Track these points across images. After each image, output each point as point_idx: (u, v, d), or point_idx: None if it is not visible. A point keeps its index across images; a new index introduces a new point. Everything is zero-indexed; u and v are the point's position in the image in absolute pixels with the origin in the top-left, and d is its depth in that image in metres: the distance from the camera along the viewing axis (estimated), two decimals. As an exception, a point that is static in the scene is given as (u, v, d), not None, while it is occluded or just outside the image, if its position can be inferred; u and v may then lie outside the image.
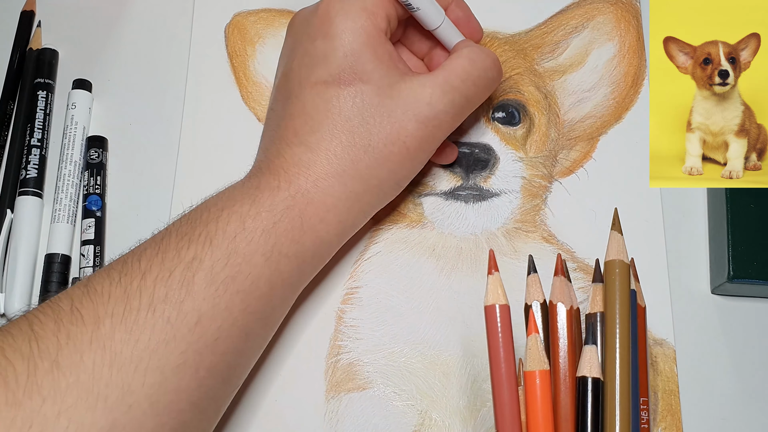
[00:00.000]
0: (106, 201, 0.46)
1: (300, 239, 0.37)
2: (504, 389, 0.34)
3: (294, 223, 0.37)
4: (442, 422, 0.41)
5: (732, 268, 0.42)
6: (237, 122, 0.48)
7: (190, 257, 0.34)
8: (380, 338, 0.43)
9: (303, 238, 0.37)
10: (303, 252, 0.38)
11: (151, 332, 0.32)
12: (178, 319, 0.33)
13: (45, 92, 0.48)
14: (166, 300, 0.33)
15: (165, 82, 0.49)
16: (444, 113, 0.39)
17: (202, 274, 0.34)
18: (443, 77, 0.39)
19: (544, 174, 0.46)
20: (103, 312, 0.32)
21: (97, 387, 0.30)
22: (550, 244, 0.45)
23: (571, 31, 0.49)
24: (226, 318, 0.34)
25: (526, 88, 0.48)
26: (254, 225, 0.36)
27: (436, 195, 0.46)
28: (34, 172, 0.46)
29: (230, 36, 0.49)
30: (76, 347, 0.31)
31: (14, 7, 0.50)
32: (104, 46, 0.50)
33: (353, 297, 0.44)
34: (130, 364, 0.31)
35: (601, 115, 0.48)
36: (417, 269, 0.44)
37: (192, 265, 0.34)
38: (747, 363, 0.43)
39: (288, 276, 0.37)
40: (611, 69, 0.49)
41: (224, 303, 0.34)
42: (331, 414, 0.41)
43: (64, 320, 0.32)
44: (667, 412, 0.41)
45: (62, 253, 0.44)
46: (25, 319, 0.32)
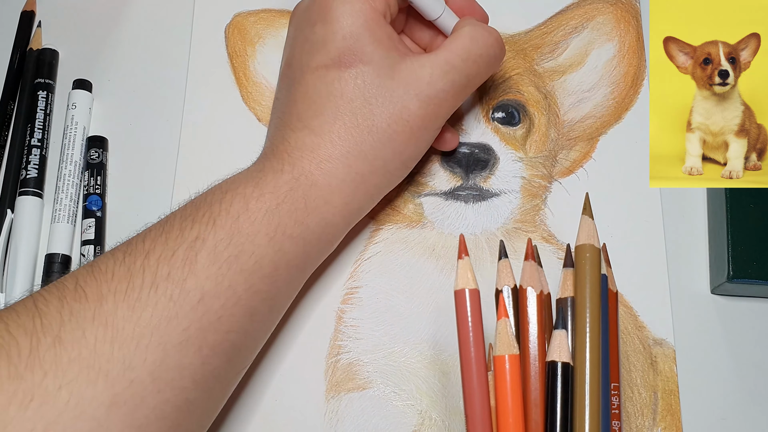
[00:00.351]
0: (106, 201, 0.46)
1: (304, 220, 0.37)
2: (473, 374, 0.34)
3: (298, 204, 0.37)
4: (442, 422, 0.41)
5: (732, 268, 0.42)
6: (237, 122, 0.48)
7: (194, 237, 0.35)
8: (380, 338, 0.43)
9: (307, 219, 0.38)
10: (308, 234, 0.38)
11: (153, 309, 0.32)
12: (180, 297, 0.33)
13: (45, 92, 0.48)
14: (169, 278, 0.33)
15: (165, 82, 0.49)
16: (444, 92, 0.39)
17: (204, 252, 0.34)
18: (443, 57, 0.39)
19: (543, 174, 0.46)
20: (107, 290, 0.32)
21: (99, 362, 0.31)
22: (550, 243, 0.45)
23: (570, 31, 0.49)
24: (229, 297, 0.35)
25: (525, 88, 0.48)
26: (257, 206, 0.36)
27: (436, 195, 0.46)
28: (35, 172, 0.46)
29: (230, 36, 0.50)
30: (78, 323, 0.31)
31: (14, 7, 0.50)
32: (104, 46, 0.50)
33: (353, 297, 0.44)
34: (132, 341, 0.32)
35: (600, 116, 0.48)
36: (417, 269, 0.44)
37: (195, 244, 0.34)
38: (747, 363, 0.43)
39: (293, 257, 0.37)
40: (611, 69, 0.49)
41: (227, 282, 0.34)
42: (331, 414, 0.41)
43: (68, 297, 0.32)
44: (667, 412, 0.41)
45: (62, 253, 0.44)
46: (31, 297, 0.33)
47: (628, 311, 0.43)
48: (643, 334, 0.43)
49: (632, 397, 0.42)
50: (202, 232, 0.35)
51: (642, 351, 0.42)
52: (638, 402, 0.42)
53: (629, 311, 0.43)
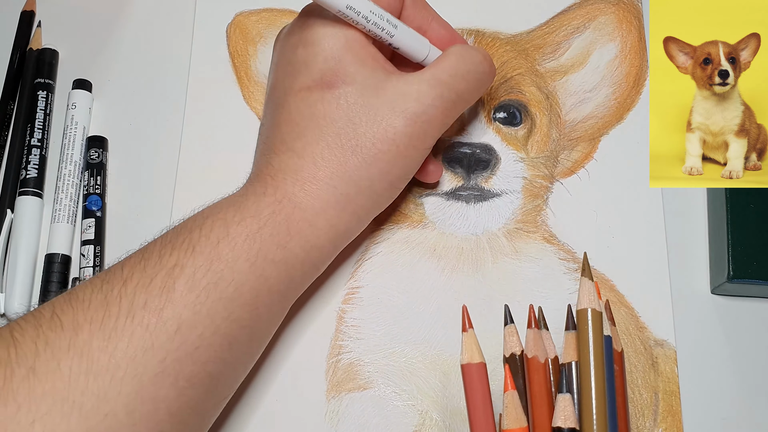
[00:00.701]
0: (106, 201, 0.46)
1: (287, 244, 0.37)
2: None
3: (280, 228, 0.36)
4: (442, 422, 0.41)
5: (732, 268, 0.42)
6: (238, 122, 0.47)
7: (172, 264, 0.34)
8: (381, 338, 0.43)
9: (290, 243, 0.37)
10: (291, 257, 0.37)
11: (129, 340, 0.32)
12: (157, 327, 0.32)
13: (45, 92, 0.48)
14: (146, 307, 0.32)
15: (165, 82, 0.49)
16: (433, 108, 0.39)
17: (183, 280, 0.33)
18: (430, 73, 0.39)
19: (545, 174, 0.46)
20: (83, 318, 0.32)
21: (73, 395, 0.30)
22: (551, 244, 0.45)
23: (572, 31, 0.49)
24: (207, 326, 0.34)
25: (527, 88, 0.48)
26: (238, 230, 0.35)
27: (438, 195, 0.46)
28: (34, 172, 0.46)
29: (232, 35, 0.49)
30: (53, 354, 0.31)
31: (14, 7, 0.50)
32: (104, 46, 0.50)
33: (354, 297, 0.44)
34: (107, 372, 0.31)
35: (602, 116, 0.48)
36: (418, 269, 0.44)
37: (173, 271, 0.34)
38: (747, 363, 0.43)
39: (275, 282, 0.36)
40: (613, 69, 0.49)
41: (206, 310, 0.34)
42: (331, 414, 0.41)
43: (44, 326, 0.31)
44: (668, 413, 0.41)
45: (62, 253, 0.44)
46: (8, 327, 0.32)
47: (629, 312, 0.43)
48: (644, 335, 0.43)
49: (633, 399, 0.42)
50: (181, 259, 0.34)
51: (643, 352, 0.42)
52: (639, 403, 0.42)
53: (630, 312, 0.43)
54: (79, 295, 0.33)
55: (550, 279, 0.44)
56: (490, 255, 0.45)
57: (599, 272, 0.44)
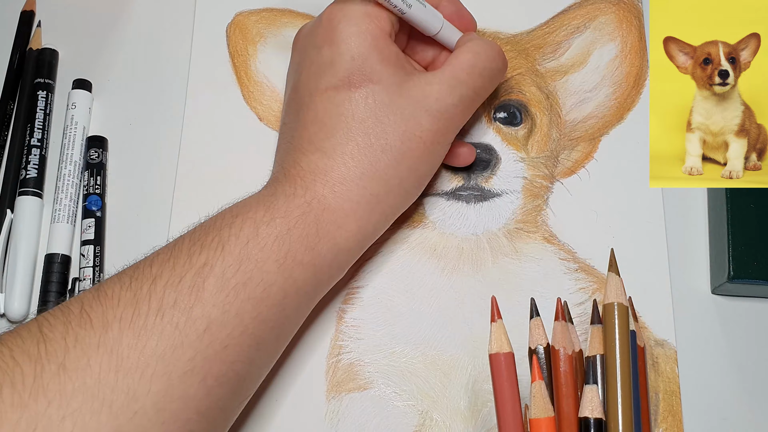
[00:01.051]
0: (106, 201, 0.46)
1: (315, 246, 0.37)
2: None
3: (309, 230, 0.37)
4: (443, 422, 0.41)
5: (732, 268, 0.42)
6: (238, 122, 0.47)
7: (202, 263, 0.34)
8: (381, 338, 0.43)
9: (318, 245, 0.37)
10: (318, 260, 0.37)
11: (159, 338, 0.32)
12: (186, 325, 0.32)
13: (45, 92, 0.48)
14: (175, 305, 0.33)
15: (165, 82, 0.49)
16: (454, 106, 0.40)
17: (212, 279, 0.34)
18: (449, 72, 0.40)
19: (545, 174, 0.46)
20: (112, 316, 0.32)
21: (103, 392, 0.30)
22: (552, 244, 0.45)
23: (573, 31, 0.49)
24: (236, 325, 0.34)
25: (527, 88, 0.48)
26: (268, 231, 0.36)
27: (438, 195, 0.46)
28: (34, 172, 0.46)
29: (232, 35, 0.49)
30: (83, 351, 0.31)
31: (14, 7, 0.50)
32: (104, 46, 0.50)
33: (354, 297, 0.44)
34: (137, 370, 0.31)
35: (602, 116, 0.48)
36: (418, 269, 0.44)
37: (203, 270, 0.34)
38: (747, 363, 0.43)
39: (302, 284, 0.37)
40: (613, 69, 0.49)
41: (235, 310, 0.34)
42: (331, 414, 0.41)
43: (73, 323, 0.32)
44: (668, 413, 0.41)
45: (62, 253, 0.44)
46: (35, 321, 0.32)
47: (629, 312, 0.43)
48: (645, 335, 0.43)
49: (634, 398, 0.42)
50: (211, 258, 0.34)
51: (644, 351, 0.42)
52: (639, 402, 0.42)
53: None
54: (108, 292, 0.33)
55: (550, 279, 0.44)
56: (491, 255, 0.45)
57: (599, 272, 0.44)
